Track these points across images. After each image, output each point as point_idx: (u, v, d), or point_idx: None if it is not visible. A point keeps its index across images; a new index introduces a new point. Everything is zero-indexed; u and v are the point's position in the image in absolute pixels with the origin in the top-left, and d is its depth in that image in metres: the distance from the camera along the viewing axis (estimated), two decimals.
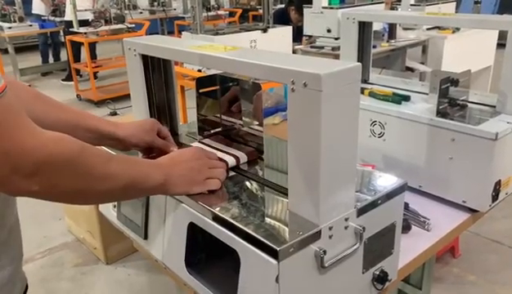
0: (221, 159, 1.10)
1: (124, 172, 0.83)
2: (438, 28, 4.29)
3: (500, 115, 1.42)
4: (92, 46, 6.59)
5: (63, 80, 7.25)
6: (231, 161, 1.12)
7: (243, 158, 1.15)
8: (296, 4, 4.64)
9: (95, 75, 6.53)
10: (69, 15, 6.39)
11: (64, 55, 7.53)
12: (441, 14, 1.99)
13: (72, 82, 6.62)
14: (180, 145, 1.27)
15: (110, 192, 0.83)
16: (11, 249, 0.88)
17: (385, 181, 1.03)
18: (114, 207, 1.27)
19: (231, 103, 1.29)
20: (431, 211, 1.41)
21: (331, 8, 3.66)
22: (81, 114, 1.07)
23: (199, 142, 1.26)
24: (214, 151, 1.15)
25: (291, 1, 4.86)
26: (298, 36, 4.00)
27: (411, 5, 4.33)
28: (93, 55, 6.67)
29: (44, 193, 0.72)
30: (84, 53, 6.18)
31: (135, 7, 8.70)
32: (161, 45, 1.13)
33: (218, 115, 1.31)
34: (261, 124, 1.22)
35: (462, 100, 1.49)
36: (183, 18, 8.61)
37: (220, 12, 8.10)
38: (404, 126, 1.49)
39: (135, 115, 1.32)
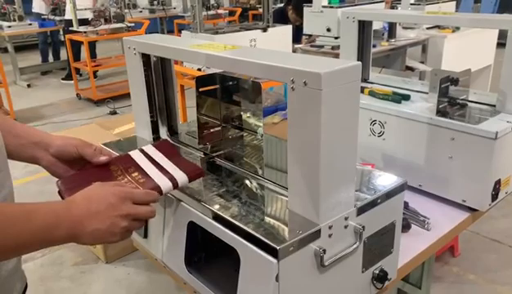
0: (154, 185, 0.96)
1: (27, 237, 0.74)
2: (438, 27, 4.29)
3: (500, 114, 1.42)
4: (92, 45, 6.58)
5: (63, 79, 7.25)
6: (167, 186, 0.96)
7: (182, 180, 0.99)
8: (294, 4, 4.63)
9: (94, 74, 6.53)
10: (69, 14, 6.39)
11: (64, 54, 7.52)
12: (441, 13, 1.98)
13: (72, 81, 6.61)
14: (179, 144, 1.27)
15: (13, 254, 0.78)
16: None
17: (385, 180, 1.03)
18: None
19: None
20: (431, 211, 1.41)
21: (331, 7, 3.66)
22: (11, 121, 1.01)
23: (140, 150, 1.09)
24: (152, 168, 1.02)
25: (289, 0, 4.86)
26: (296, 35, 3.99)
27: (411, 4, 4.32)
28: (93, 54, 6.67)
29: None
30: (84, 52, 6.18)
31: (135, 6, 8.69)
32: (161, 44, 1.13)
33: (218, 115, 1.31)
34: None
35: (462, 99, 1.49)
36: (183, 17, 8.61)
37: (220, 11, 8.09)
38: (404, 126, 1.49)
39: (135, 114, 1.32)
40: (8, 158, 0.92)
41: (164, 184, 0.96)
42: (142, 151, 1.08)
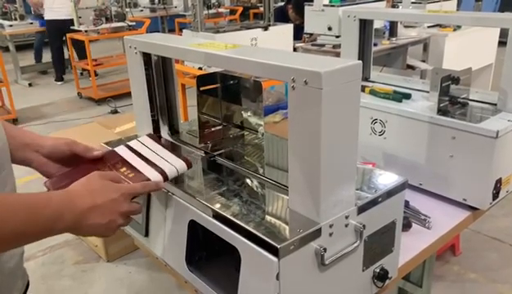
0: (145, 177, 0.97)
1: (28, 229, 0.74)
2: (439, 25, 4.29)
3: (501, 113, 1.42)
4: (82, 46, 6.56)
5: (55, 80, 7.24)
6: (157, 179, 0.97)
7: (171, 172, 1.01)
8: (293, 2, 4.63)
9: (94, 73, 6.53)
10: (48, 15, 6.53)
11: (45, 56, 7.56)
12: (442, 12, 1.98)
13: (61, 82, 6.89)
14: (180, 142, 1.27)
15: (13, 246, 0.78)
16: None
17: (386, 179, 1.03)
18: None
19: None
20: (431, 209, 1.41)
21: (332, 6, 3.66)
22: (5, 122, 0.99)
23: (126, 146, 1.10)
24: (140, 162, 1.03)
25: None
26: (297, 34, 3.99)
27: (412, 3, 4.32)
28: (83, 55, 6.62)
29: None
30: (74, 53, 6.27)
31: (136, 5, 8.68)
32: (162, 43, 1.13)
33: (219, 114, 1.31)
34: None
35: (463, 98, 1.49)
36: (184, 16, 8.61)
37: (221, 10, 8.08)
38: (405, 124, 1.49)
39: (136, 113, 1.32)
40: None
41: (154, 176, 0.97)
42: (128, 146, 1.09)
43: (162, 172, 0.99)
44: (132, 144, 1.10)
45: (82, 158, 1.02)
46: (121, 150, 1.08)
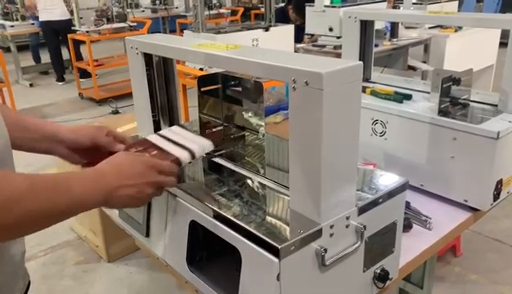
0: (173, 157, 1.01)
1: (64, 202, 0.77)
2: (441, 26, 4.28)
3: (502, 114, 1.42)
4: (77, 46, 6.59)
5: (57, 81, 7.26)
6: (185, 157, 1.02)
7: (206, 147, 1.07)
8: (294, 3, 4.64)
9: (86, 73, 6.55)
10: (43, 16, 6.55)
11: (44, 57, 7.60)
12: (443, 12, 1.98)
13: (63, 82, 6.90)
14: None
15: (51, 221, 0.78)
16: (13, 245, 0.89)
17: (386, 180, 1.03)
18: None
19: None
20: (432, 210, 1.41)
21: (333, 7, 3.66)
22: (20, 115, 1.03)
23: (168, 129, 1.17)
24: (169, 144, 1.07)
25: (289, 0, 4.86)
26: (297, 35, 3.99)
27: (413, 3, 4.32)
28: (78, 56, 6.66)
29: None
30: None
31: (137, 6, 8.70)
32: (163, 43, 1.13)
33: (219, 114, 1.31)
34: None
35: (464, 99, 1.49)
36: (185, 16, 8.61)
37: (222, 11, 8.09)
38: (406, 125, 1.49)
39: (137, 113, 1.32)
40: (19, 150, 0.96)
41: (182, 155, 1.01)
42: (159, 134, 1.13)
43: (190, 151, 1.03)
44: (162, 132, 1.15)
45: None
46: (151, 137, 1.11)
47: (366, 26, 1.77)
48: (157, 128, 1.31)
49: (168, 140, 1.09)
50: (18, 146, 0.95)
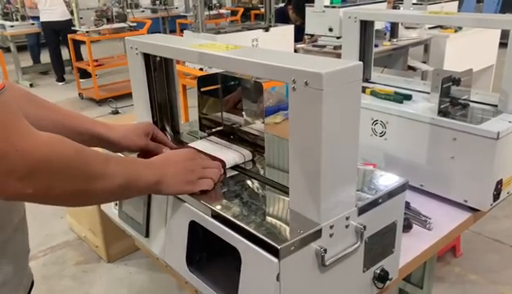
0: (218, 159, 1.09)
1: (119, 172, 0.82)
2: (440, 27, 4.28)
3: (502, 114, 1.42)
4: (77, 47, 6.60)
5: (57, 81, 7.26)
6: (230, 160, 1.11)
7: (246, 156, 1.14)
8: (293, 4, 4.64)
9: (89, 74, 6.55)
10: (43, 17, 6.59)
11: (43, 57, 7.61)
12: (443, 13, 1.98)
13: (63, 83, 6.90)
14: (181, 144, 1.28)
15: (104, 193, 0.82)
16: (16, 245, 0.89)
17: (386, 180, 1.03)
18: (116, 205, 1.27)
19: (233, 102, 1.29)
20: (432, 210, 1.41)
21: (333, 7, 3.66)
22: (71, 115, 1.05)
23: (206, 139, 1.26)
24: (214, 149, 1.15)
25: (289, 0, 4.86)
26: (297, 35, 4.00)
27: (413, 4, 4.32)
28: (78, 57, 6.67)
29: (38, 196, 0.71)
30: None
31: (137, 6, 8.71)
32: (163, 44, 1.13)
33: (219, 114, 1.31)
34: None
35: (464, 100, 1.49)
36: (185, 17, 8.62)
37: (222, 11, 8.09)
38: (405, 126, 1.49)
39: (137, 114, 1.32)
40: None
41: (226, 157, 1.10)
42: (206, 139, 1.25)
43: (234, 157, 1.12)
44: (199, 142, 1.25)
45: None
46: (195, 144, 1.21)
47: (365, 26, 1.77)
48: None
49: (210, 148, 1.18)
50: None
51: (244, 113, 1.26)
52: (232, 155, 1.13)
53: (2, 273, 0.84)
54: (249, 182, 1.07)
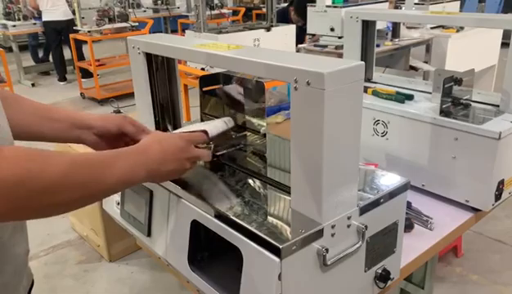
0: (199, 131, 1.06)
1: (102, 177, 0.78)
2: (442, 27, 4.28)
3: (504, 114, 1.42)
4: (79, 46, 6.61)
5: (58, 80, 7.27)
6: (212, 128, 1.08)
7: (227, 122, 1.16)
8: (295, 5, 4.64)
9: (91, 74, 6.56)
10: (46, 16, 6.61)
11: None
12: (445, 13, 1.98)
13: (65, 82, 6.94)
14: None
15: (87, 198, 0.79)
16: (17, 244, 0.89)
17: (388, 180, 1.03)
18: (118, 204, 1.27)
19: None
20: (434, 210, 1.41)
21: (335, 7, 3.66)
22: (46, 106, 1.05)
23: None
24: (197, 125, 1.12)
25: (291, 1, 4.87)
26: (299, 36, 4.00)
27: (415, 4, 4.32)
28: (80, 56, 6.68)
29: (9, 216, 0.69)
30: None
31: (138, 6, 8.70)
32: (165, 43, 1.13)
33: (221, 115, 1.31)
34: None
35: (465, 100, 1.49)
36: (187, 16, 8.63)
37: (223, 11, 8.09)
38: (407, 125, 1.49)
39: (139, 113, 1.32)
40: (51, 142, 1.01)
41: (206, 128, 1.06)
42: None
43: (212, 125, 1.10)
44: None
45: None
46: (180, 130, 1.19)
47: (367, 26, 1.77)
48: (158, 128, 1.31)
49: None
50: (49, 138, 0.99)
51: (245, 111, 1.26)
52: (214, 124, 1.12)
53: (1, 274, 0.84)
54: (250, 181, 1.07)
